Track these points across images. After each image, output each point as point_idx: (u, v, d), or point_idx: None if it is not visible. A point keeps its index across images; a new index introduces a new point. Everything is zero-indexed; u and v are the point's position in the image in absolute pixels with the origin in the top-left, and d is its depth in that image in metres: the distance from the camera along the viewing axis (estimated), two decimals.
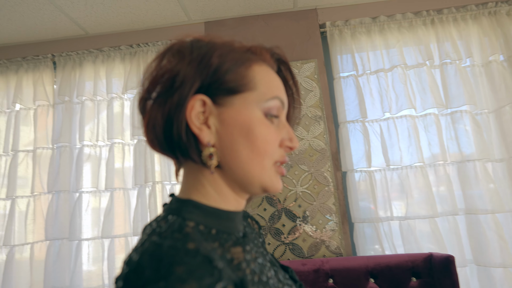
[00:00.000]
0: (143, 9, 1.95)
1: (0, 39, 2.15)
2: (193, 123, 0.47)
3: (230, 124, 0.49)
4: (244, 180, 0.50)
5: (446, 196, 1.85)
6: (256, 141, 0.48)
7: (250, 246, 0.51)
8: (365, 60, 2.02)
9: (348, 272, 1.67)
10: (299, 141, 1.94)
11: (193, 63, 0.48)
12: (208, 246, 0.42)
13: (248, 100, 0.50)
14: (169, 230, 0.41)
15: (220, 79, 0.49)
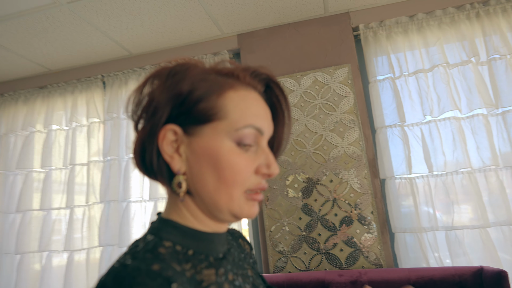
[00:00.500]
0: (178, 28, 2.05)
1: (58, 65, 2.40)
2: (164, 152, 0.49)
3: (199, 154, 0.49)
4: (213, 208, 0.50)
5: (499, 204, 1.69)
6: (223, 171, 0.48)
7: (226, 268, 0.52)
8: (402, 61, 1.93)
9: (388, 285, 1.59)
10: (334, 148, 1.90)
11: (166, 90, 0.49)
12: (178, 267, 0.44)
13: (218, 129, 0.49)
14: (143, 250, 0.44)
15: (190, 108, 0.49)
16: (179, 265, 0.45)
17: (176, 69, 0.52)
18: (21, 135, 2.49)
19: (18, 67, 2.38)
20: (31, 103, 2.50)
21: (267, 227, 1.92)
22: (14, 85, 2.56)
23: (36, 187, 2.38)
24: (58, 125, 2.43)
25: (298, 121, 1.97)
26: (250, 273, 0.59)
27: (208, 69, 0.53)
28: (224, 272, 0.51)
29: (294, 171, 1.93)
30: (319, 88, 1.98)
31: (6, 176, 2.44)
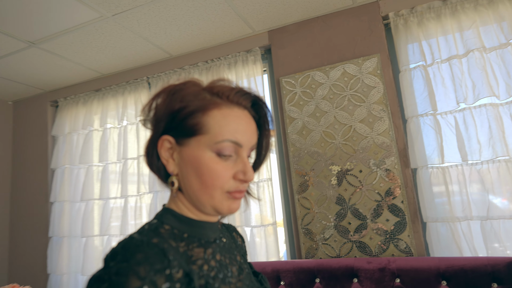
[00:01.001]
0: (212, 29, 2.19)
1: (109, 70, 2.66)
2: (162, 157, 0.62)
3: (186, 161, 0.61)
4: (198, 203, 0.62)
5: None
6: (203, 176, 0.60)
7: (215, 250, 0.64)
8: (434, 48, 1.88)
9: (417, 273, 1.61)
10: (363, 139, 1.93)
11: (165, 106, 0.61)
12: (174, 243, 0.56)
13: (201, 142, 0.60)
14: (147, 230, 0.57)
15: (180, 123, 0.61)
16: (175, 242, 0.58)
17: (176, 88, 0.63)
18: (81, 133, 2.81)
19: (76, 73, 2.68)
20: (88, 105, 2.81)
21: (298, 215, 2.01)
22: (74, 90, 2.89)
23: (96, 179, 2.69)
24: (112, 123, 2.72)
25: (328, 113, 2.02)
26: (238, 258, 0.71)
27: (202, 89, 0.64)
28: (212, 252, 0.63)
29: (324, 162, 1.99)
30: (348, 80, 2.00)
31: (71, 170, 2.79)
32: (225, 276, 0.62)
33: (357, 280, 1.71)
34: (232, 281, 0.63)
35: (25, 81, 2.75)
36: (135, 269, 0.48)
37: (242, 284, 0.65)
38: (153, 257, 0.50)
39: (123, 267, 0.48)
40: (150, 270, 0.48)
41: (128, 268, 0.47)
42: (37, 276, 2.77)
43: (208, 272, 0.59)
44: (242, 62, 2.32)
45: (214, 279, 0.59)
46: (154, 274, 0.49)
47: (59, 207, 2.76)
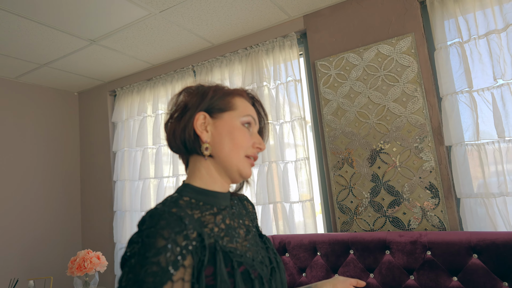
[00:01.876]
0: (249, 17, 2.32)
1: (159, 60, 2.91)
2: (197, 129, 0.79)
3: (221, 129, 0.80)
4: (227, 165, 0.80)
5: None
6: (236, 138, 0.80)
7: (224, 216, 0.80)
8: (471, 23, 1.86)
9: (448, 246, 1.68)
10: (397, 118, 1.98)
11: (197, 96, 0.82)
12: (190, 211, 0.73)
13: (232, 115, 0.81)
14: (169, 201, 0.74)
15: (214, 103, 0.81)
16: (191, 211, 0.74)
17: (199, 86, 0.85)
18: (137, 119, 3.12)
19: (130, 65, 2.97)
20: (142, 93, 3.10)
21: (334, 192, 2.13)
22: (129, 80, 3.20)
23: (151, 160, 3.00)
24: (162, 109, 2.98)
25: (361, 94, 2.09)
26: (247, 222, 0.88)
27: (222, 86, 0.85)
28: (222, 217, 0.79)
29: (358, 141, 2.07)
30: (381, 60, 2.05)
31: (130, 152, 3.12)
32: (233, 237, 0.79)
33: (389, 252, 1.81)
34: (239, 241, 0.80)
35: (88, 74, 3.10)
36: (160, 232, 0.64)
37: (248, 243, 0.82)
38: (173, 223, 0.66)
39: (151, 231, 0.64)
40: (171, 232, 0.65)
41: (155, 231, 0.64)
42: (105, 244, 3.19)
43: (218, 233, 0.75)
44: (279, 47, 2.43)
45: (222, 239, 0.75)
46: (175, 235, 0.65)
47: (120, 185, 3.12)
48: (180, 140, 0.81)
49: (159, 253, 0.62)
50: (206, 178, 0.81)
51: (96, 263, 2.43)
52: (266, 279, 0.78)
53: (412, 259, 1.75)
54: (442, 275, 1.67)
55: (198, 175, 0.81)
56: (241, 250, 0.78)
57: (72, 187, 3.42)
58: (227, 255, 0.73)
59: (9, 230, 2.88)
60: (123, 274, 0.62)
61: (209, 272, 0.69)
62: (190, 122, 0.79)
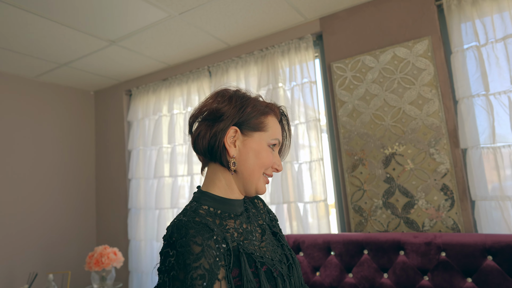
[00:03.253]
0: (266, 19, 2.35)
1: (175, 61, 2.97)
2: (226, 142, 0.83)
3: (249, 147, 0.84)
4: (247, 181, 0.84)
5: None
6: (262, 159, 0.84)
7: (241, 220, 0.85)
8: (489, 27, 1.87)
9: (462, 247, 1.70)
10: (412, 120, 2.00)
11: (235, 107, 0.83)
12: (211, 219, 0.78)
13: (262, 136, 0.85)
14: (189, 211, 0.79)
15: (248, 120, 0.84)
16: (211, 218, 0.80)
17: (237, 94, 0.86)
18: (152, 118, 3.18)
19: (147, 65, 3.03)
20: (157, 93, 3.16)
21: (348, 193, 2.16)
22: (145, 79, 3.26)
23: (165, 159, 3.05)
24: (178, 109, 3.04)
25: (377, 96, 2.11)
26: (260, 222, 0.94)
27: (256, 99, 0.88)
28: (240, 222, 0.85)
29: (373, 143, 2.10)
30: (398, 63, 2.07)
31: (145, 151, 3.18)
32: (251, 240, 0.84)
33: (403, 253, 1.84)
34: (256, 244, 0.85)
35: (104, 74, 3.17)
36: (193, 240, 0.68)
37: (265, 244, 0.87)
38: (202, 230, 0.71)
39: (183, 241, 0.68)
40: (203, 238, 0.70)
41: (187, 241, 0.68)
42: (120, 241, 3.25)
43: (238, 237, 0.81)
44: (295, 49, 2.46)
45: (242, 242, 0.80)
46: (207, 240, 0.70)
47: (135, 183, 3.18)
48: (208, 145, 0.83)
49: (199, 258, 0.66)
50: (225, 188, 0.85)
51: (113, 258, 2.49)
52: (286, 276, 0.82)
53: (427, 260, 1.77)
54: (456, 276, 1.69)
55: (218, 184, 0.85)
56: (260, 252, 0.83)
57: (87, 185, 3.49)
58: (250, 257, 0.78)
59: (28, 226, 2.96)
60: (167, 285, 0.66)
61: (234, 274, 0.73)
62: (223, 133, 0.81)
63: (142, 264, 3.02)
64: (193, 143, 0.87)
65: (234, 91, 0.88)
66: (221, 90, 0.88)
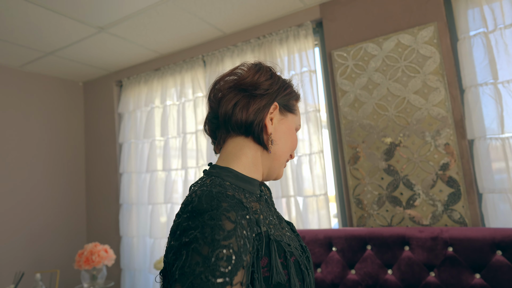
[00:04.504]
0: (264, 5, 2.24)
1: (168, 50, 2.84)
2: (267, 118, 0.76)
3: (285, 127, 0.80)
4: (276, 162, 0.78)
5: None
6: (292, 142, 0.82)
7: (262, 203, 0.76)
8: (497, 12, 1.79)
9: (470, 242, 1.63)
10: (417, 110, 1.92)
11: (278, 84, 0.79)
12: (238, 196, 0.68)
13: (294, 118, 0.83)
14: (214, 184, 0.67)
15: (288, 100, 0.81)
16: (239, 195, 0.69)
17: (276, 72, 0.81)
18: (144, 110, 3.06)
19: (138, 54, 2.90)
20: (149, 83, 3.03)
21: (350, 186, 2.08)
22: (136, 70, 3.13)
23: (158, 153, 2.94)
24: (171, 100, 2.92)
25: (380, 85, 2.02)
26: (273, 209, 0.85)
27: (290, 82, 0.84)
28: (260, 206, 0.75)
29: (376, 134, 2.02)
30: (402, 51, 1.98)
31: (137, 144, 3.06)
32: (275, 226, 0.74)
33: (408, 248, 1.76)
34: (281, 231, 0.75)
35: (93, 64, 3.03)
36: (226, 214, 0.59)
37: (285, 231, 0.77)
38: (236, 206, 0.61)
39: (214, 214, 0.58)
40: (237, 215, 0.60)
41: (219, 214, 0.58)
42: (112, 237, 3.14)
43: (264, 221, 0.71)
44: (294, 37, 2.36)
45: (269, 226, 0.71)
46: (241, 218, 0.60)
47: (127, 177, 3.07)
48: (247, 118, 0.74)
49: (230, 237, 0.57)
50: (250, 166, 0.76)
51: (104, 256, 2.39)
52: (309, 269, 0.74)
53: (433, 255, 1.70)
54: (464, 272, 1.62)
55: (244, 160, 0.76)
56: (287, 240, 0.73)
57: (76, 179, 3.36)
58: (280, 245, 0.69)
59: (14, 223, 2.83)
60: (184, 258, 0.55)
61: (263, 263, 0.64)
62: (267, 107, 0.76)
63: (135, 261, 2.92)
64: (222, 110, 0.76)
65: (271, 67, 0.82)
66: (258, 63, 0.81)
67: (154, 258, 2.78)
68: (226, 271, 0.54)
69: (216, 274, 0.53)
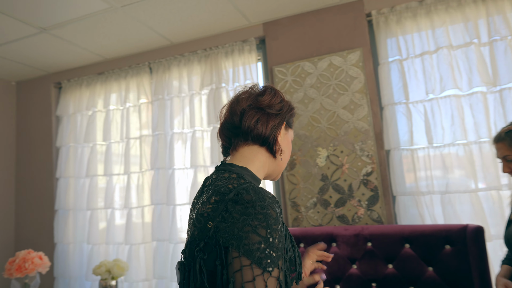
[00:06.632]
0: (211, 19, 2.39)
1: (113, 54, 2.84)
2: (278, 133, 0.93)
3: (287, 141, 0.98)
4: (278, 170, 0.98)
5: (490, 172, 1.91)
6: (290, 149, 1.01)
7: None
8: (409, 44, 2.13)
9: (385, 237, 1.91)
10: (345, 123, 2.19)
11: (286, 106, 0.96)
12: None
13: (291, 133, 1.01)
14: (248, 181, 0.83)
15: (290, 118, 0.99)
16: None
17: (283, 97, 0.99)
18: (85, 114, 3.00)
19: (81, 57, 2.85)
20: (92, 87, 2.99)
21: (286, 189, 2.28)
22: (77, 72, 3.06)
23: (99, 157, 2.90)
24: (114, 105, 2.91)
25: (314, 100, 2.27)
26: None
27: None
28: None
29: (310, 144, 2.25)
30: (333, 71, 2.25)
31: (76, 148, 2.98)
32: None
33: (335, 244, 2.00)
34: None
35: (31, 64, 2.91)
36: (272, 206, 0.74)
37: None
38: (273, 200, 0.77)
39: (264, 204, 0.73)
40: (276, 208, 0.75)
41: (268, 205, 0.73)
42: (44, 244, 2.99)
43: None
44: (239, 51, 2.53)
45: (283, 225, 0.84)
46: (280, 212, 0.75)
47: (64, 182, 2.96)
48: (266, 132, 0.90)
49: (277, 223, 0.72)
50: (259, 168, 0.93)
51: (38, 263, 2.30)
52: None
53: (355, 250, 1.95)
54: (380, 263, 1.89)
55: (257, 163, 0.92)
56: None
57: (5, 183, 3.15)
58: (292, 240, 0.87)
59: None
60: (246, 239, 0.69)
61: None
62: (281, 125, 0.94)
63: (70, 268, 2.83)
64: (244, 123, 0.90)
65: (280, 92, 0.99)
66: (270, 86, 0.98)
67: (92, 264, 2.72)
68: (279, 246, 0.71)
69: (274, 249, 0.69)
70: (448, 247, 1.78)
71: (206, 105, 2.58)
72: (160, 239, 2.57)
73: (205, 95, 2.62)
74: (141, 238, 2.66)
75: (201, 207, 0.80)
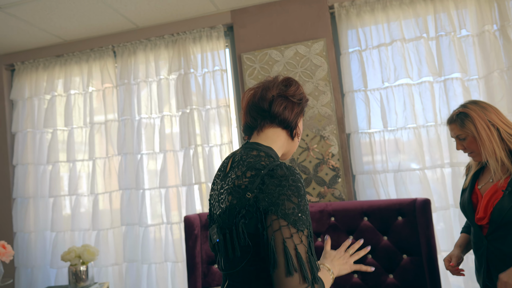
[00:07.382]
0: (180, 4, 2.39)
1: (73, 36, 2.74)
2: (299, 119, 1.07)
3: (300, 124, 1.10)
4: (291, 150, 1.10)
5: (435, 151, 2.18)
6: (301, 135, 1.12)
7: None
8: (368, 36, 2.32)
9: (346, 212, 2.12)
10: (310, 109, 2.35)
11: (305, 98, 1.08)
12: None
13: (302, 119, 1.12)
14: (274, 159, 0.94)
15: (305, 107, 1.09)
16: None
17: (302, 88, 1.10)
18: (43, 98, 2.87)
19: (37, 38, 2.71)
20: (50, 70, 2.86)
21: None
22: (33, 54, 2.90)
23: (62, 142, 2.81)
24: (76, 89, 2.82)
25: None
26: None
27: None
28: None
29: None
30: (299, 59, 2.38)
31: (34, 134, 2.86)
32: None
33: None
34: None
35: None
36: (300, 181, 0.87)
37: None
38: (300, 176, 0.89)
39: (295, 178, 0.86)
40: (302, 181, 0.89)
41: (297, 179, 0.86)
42: (2, 234, 2.87)
43: None
44: (207, 37, 2.57)
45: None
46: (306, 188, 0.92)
47: (22, 169, 2.84)
48: (291, 117, 1.03)
49: (305, 194, 0.87)
50: (280, 148, 1.05)
51: (2, 252, 2.24)
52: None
53: (320, 224, 2.14)
54: (342, 235, 2.10)
55: (278, 143, 1.04)
56: None
57: None
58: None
59: None
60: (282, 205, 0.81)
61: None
62: (302, 112, 1.08)
63: (32, 258, 2.75)
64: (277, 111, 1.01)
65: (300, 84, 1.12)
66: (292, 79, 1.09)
67: (57, 252, 2.68)
68: (307, 212, 0.84)
69: (306, 213, 0.83)
70: (400, 219, 2.03)
71: (175, 90, 2.60)
72: (129, 223, 2.59)
73: (173, 80, 2.63)
74: (109, 223, 2.66)
75: (237, 180, 0.91)
